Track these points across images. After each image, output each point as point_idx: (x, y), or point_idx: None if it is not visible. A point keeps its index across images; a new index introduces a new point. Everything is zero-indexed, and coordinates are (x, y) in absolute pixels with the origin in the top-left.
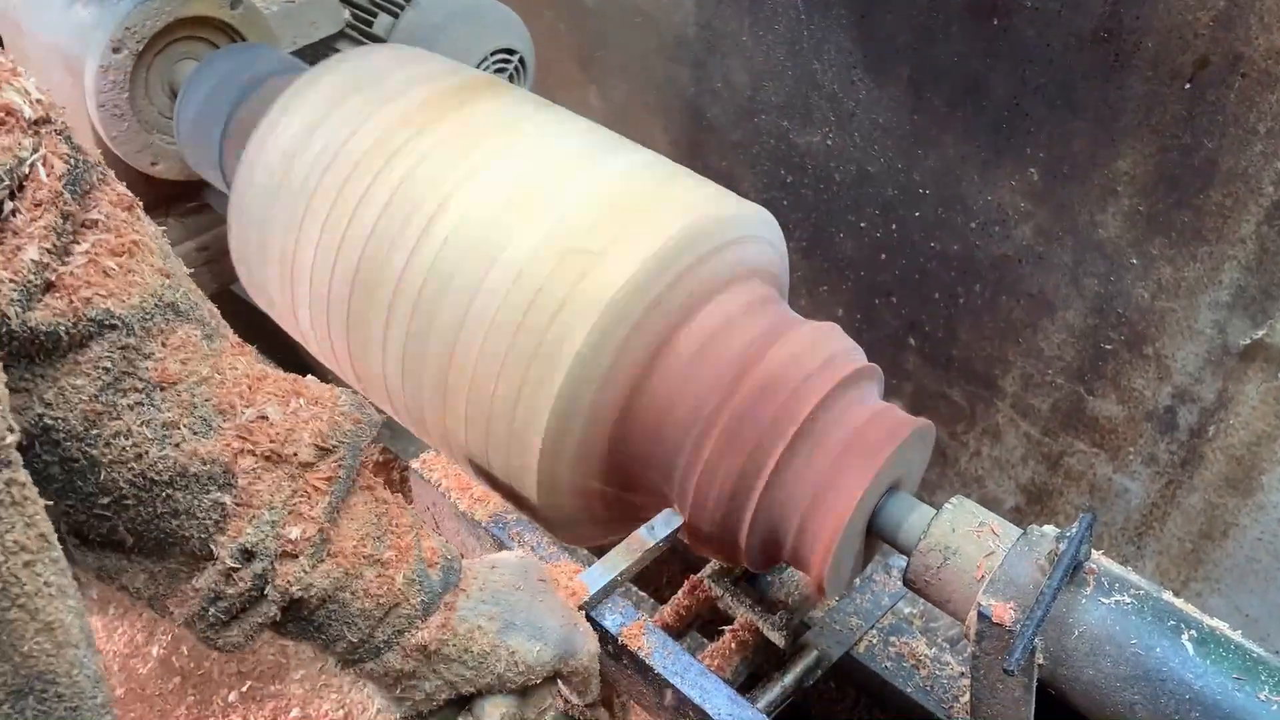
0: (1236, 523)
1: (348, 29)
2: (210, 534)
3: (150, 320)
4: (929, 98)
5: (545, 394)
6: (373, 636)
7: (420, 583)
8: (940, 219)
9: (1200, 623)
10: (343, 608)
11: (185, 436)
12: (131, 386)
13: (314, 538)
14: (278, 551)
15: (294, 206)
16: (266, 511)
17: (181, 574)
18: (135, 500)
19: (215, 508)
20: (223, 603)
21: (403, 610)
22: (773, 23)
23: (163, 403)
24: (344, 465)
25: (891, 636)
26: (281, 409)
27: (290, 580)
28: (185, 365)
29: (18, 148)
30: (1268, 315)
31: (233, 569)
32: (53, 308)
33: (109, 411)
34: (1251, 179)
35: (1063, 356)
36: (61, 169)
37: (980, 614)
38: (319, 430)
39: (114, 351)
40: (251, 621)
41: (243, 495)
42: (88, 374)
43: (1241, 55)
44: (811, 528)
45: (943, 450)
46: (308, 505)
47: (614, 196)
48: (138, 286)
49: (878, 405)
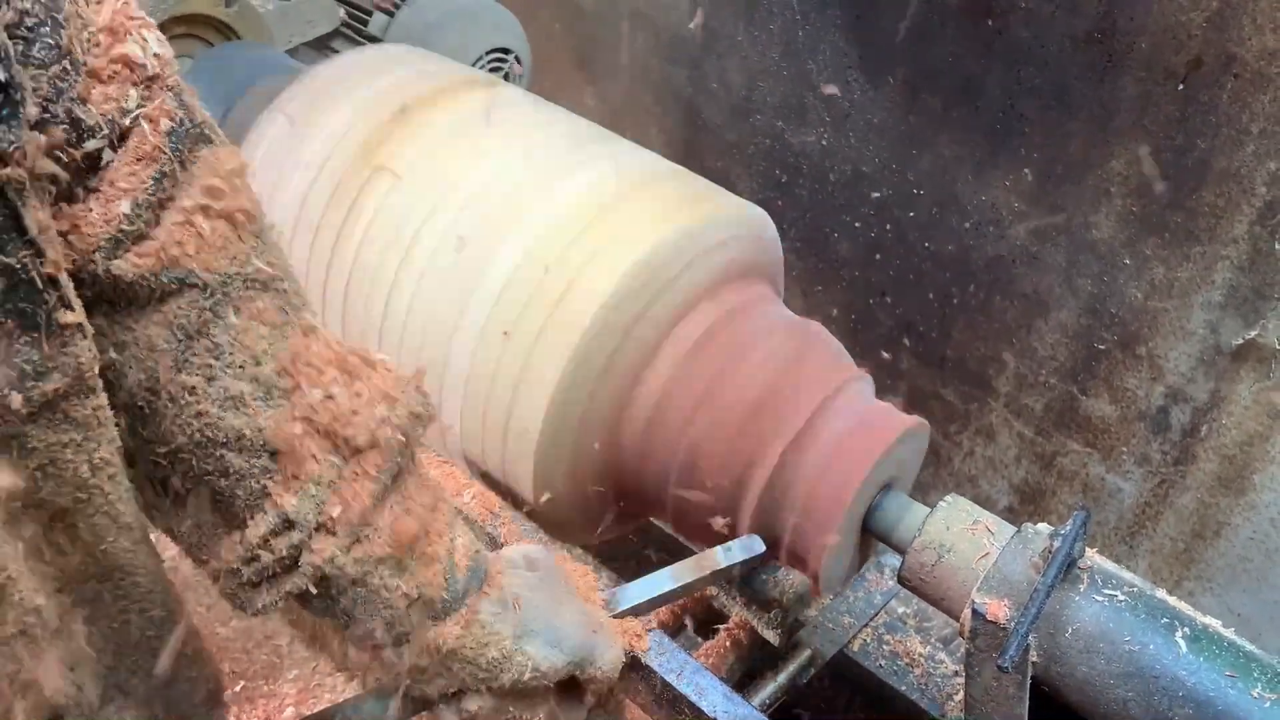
0: (1229, 522)
1: (343, 27)
2: (256, 499)
3: (230, 286)
4: (924, 98)
5: (540, 395)
6: (393, 627)
7: (448, 581)
8: (935, 219)
9: (1193, 620)
10: (370, 593)
11: (248, 403)
12: (204, 347)
13: (354, 520)
14: (316, 526)
15: (284, 217)
16: (313, 486)
17: (222, 530)
18: (190, 454)
19: (265, 474)
20: (256, 565)
21: (426, 607)
22: (768, 23)
23: (230, 368)
24: (396, 453)
25: (886, 635)
26: (346, 390)
27: (324, 556)
28: (259, 335)
29: (124, 99)
30: (1260, 315)
31: (271, 534)
32: (137, 260)
33: (177, 366)
34: (1244, 179)
35: (1056, 356)
36: (166, 125)
37: (974, 611)
38: (378, 417)
39: (190, 310)
40: (280, 589)
41: (293, 468)
42: (162, 328)
43: (1234, 56)
44: (806, 526)
45: (936, 450)
46: (354, 488)
47: (606, 198)
48: (223, 252)
49: (872, 405)
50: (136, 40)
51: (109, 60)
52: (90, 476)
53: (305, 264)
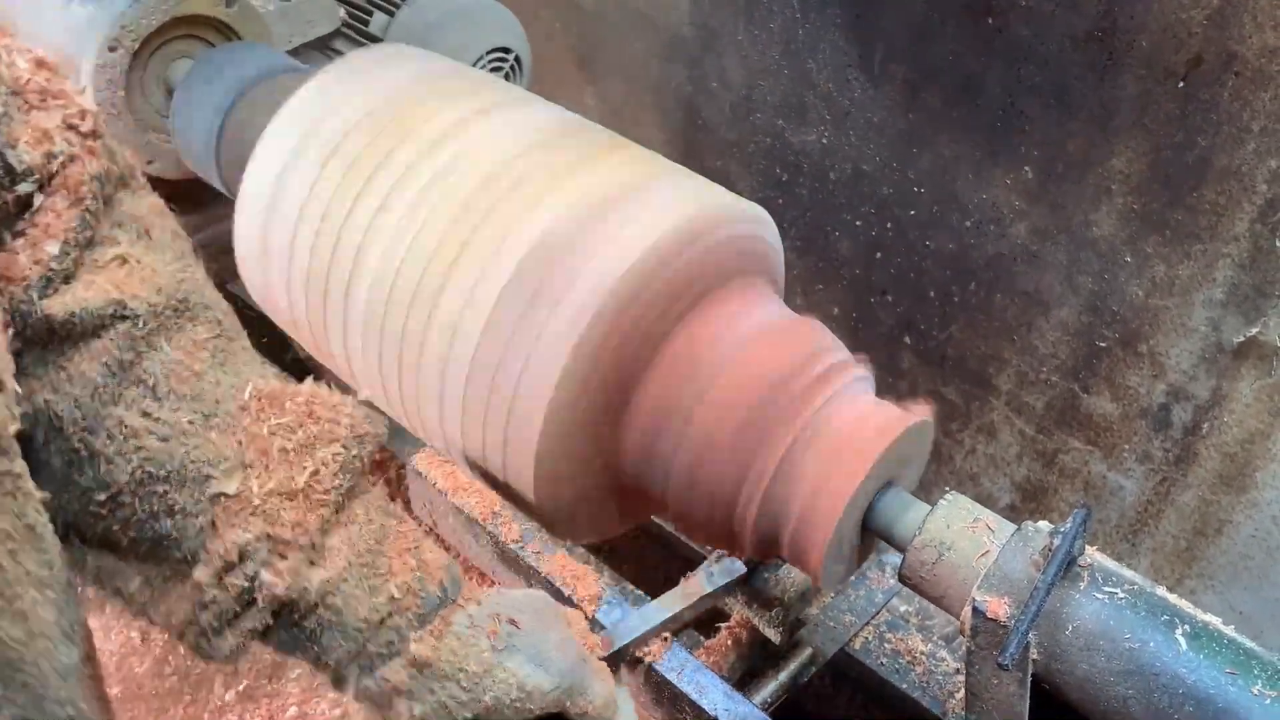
0: (1230, 520)
1: (344, 27)
2: (202, 535)
3: (162, 316)
4: (924, 97)
5: (541, 394)
6: (366, 647)
7: (418, 592)
8: (935, 218)
9: (1193, 617)
10: (335, 614)
11: (186, 433)
12: (137, 378)
13: (307, 541)
14: (270, 553)
15: (286, 217)
16: (261, 513)
17: (173, 580)
18: (132, 496)
19: (210, 507)
20: (214, 607)
21: (398, 619)
22: (768, 21)
23: (167, 398)
24: (344, 472)
25: (887, 633)
26: (286, 414)
27: (281, 581)
28: (193, 364)
29: (53, 143)
30: (1261, 313)
31: (224, 570)
32: (68, 297)
33: (113, 401)
34: (1245, 177)
35: (1057, 354)
36: (94, 168)
37: (975, 609)
38: (322, 436)
39: (123, 342)
40: (242, 628)
41: (239, 496)
42: (96, 362)
43: (1235, 54)
44: (807, 523)
45: (938, 448)
46: (304, 509)
47: (606, 196)
48: (152, 283)
49: (874, 402)
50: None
51: (38, 106)
52: None
53: (306, 265)
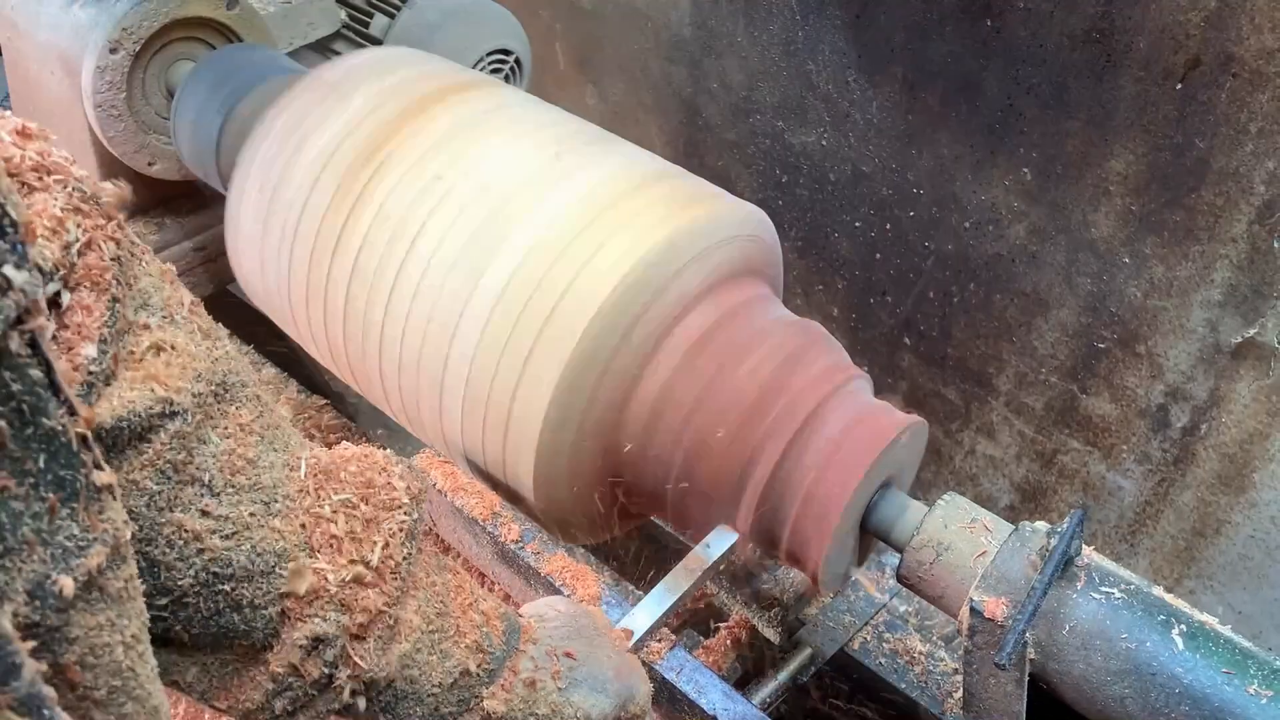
0: (1229, 520)
1: (344, 29)
2: (274, 624)
3: (206, 406)
4: (923, 97)
5: (541, 395)
6: (439, 709)
7: (485, 648)
8: (934, 218)
9: (1190, 617)
10: (411, 684)
11: (249, 526)
12: (192, 477)
13: (384, 619)
14: (348, 637)
15: (286, 218)
16: (335, 599)
17: (237, 666)
18: (195, 597)
19: (280, 598)
20: (290, 693)
21: (469, 679)
22: (768, 23)
23: (224, 492)
24: (409, 540)
25: (886, 633)
26: (344, 489)
27: (362, 664)
28: (245, 451)
29: (64, 231)
30: (1259, 314)
31: (303, 658)
32: (114, 401)
33: (169, 506)
34: (1243, 178)
35: (1056, 355)
36: (110, 250)
37: (973, 609)
38: (383, 507)
39: (174, 442)
40: (319, 709)
41: (310, 583)
42: (150, 469)
43: (1232, 55)
44: (805, 525)
45: (938, 449)
46: (374, 586)
47: (606, 198)
48: (191, 371)
49: (871, 404)
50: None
51: (38, 187)
52: (124, 658)
53: (306, 267)
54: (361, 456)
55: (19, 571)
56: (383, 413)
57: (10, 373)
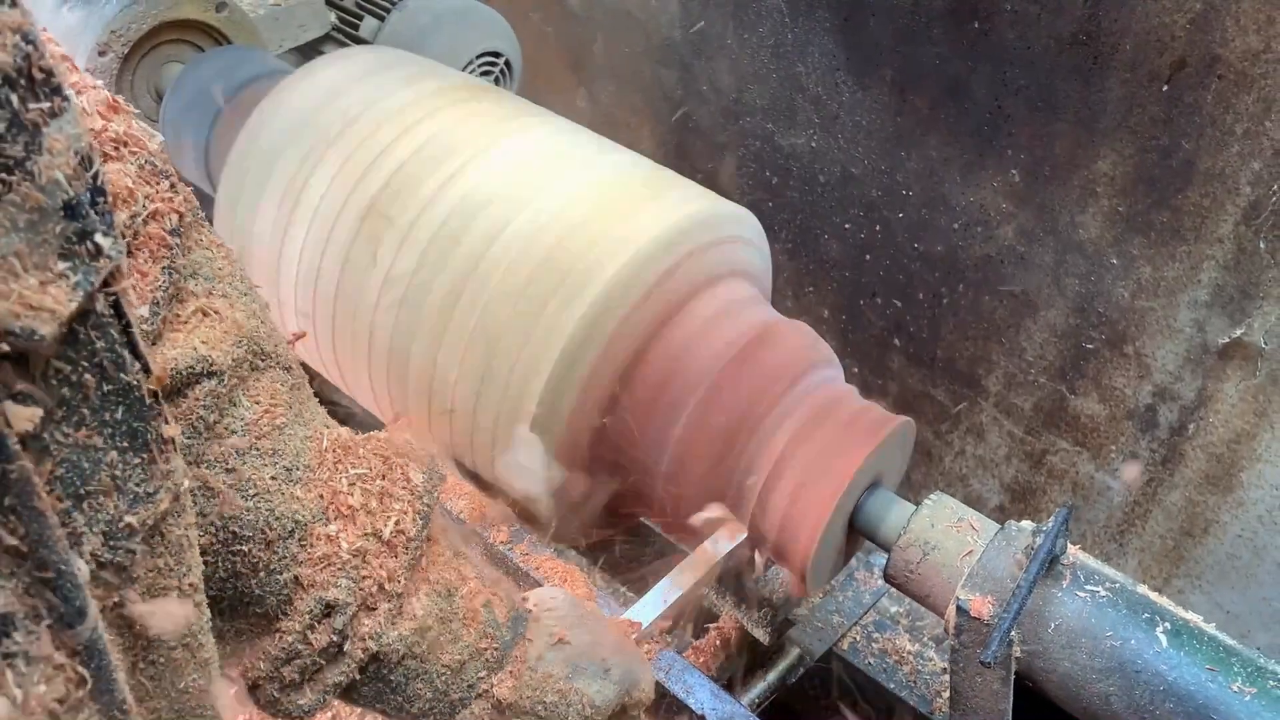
0: (1217, 520)
1: (334, 32)
2: (286, 591)
3: (242, 369)
4: (912, 100)
5: (531, 396)
6: (448, 693)
7: (493, 634)
8: (924, 220)
9: (1174, 615)
10: (420, 663)
11: (270, 491)
12: (219, 435)
13: (394, 593)
14: (358, 607)
15: (275, 217)
16: (347, 567)
17: (249, 634)
18: (214, 555)
19: (294, 563)
20: (299, 661)
21: (477, 664)
22: (757, 26)
23: (249, 454)
24: (422, 519)
25: (875, 633)
26: (362, 464)
27: (371, 635)
28: (272, 416)
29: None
30: (1246, 314)
31: (312, 625)
32: (158, 359)
33: (196, 461)
34: (1229, 179)
35: (1045, 356)
36: (171, 220)
37: (959, 608)
38: (399, 484)
39: (208, 400)
40: (326, 681)
41: (324, 547)
42: (183, 423)
43: (1218, 57)
44: (793, 524)
45: (927, 449)
46: (387, 560)
47: (606, 193)
48: (233, 335)
49: (858, 404)
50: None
51: (114, 156)
52: (181, 604)
53: (295, 265)
54: (383, 439)
55: (97, 514)
56: (375, 417)
57: (96, 331)
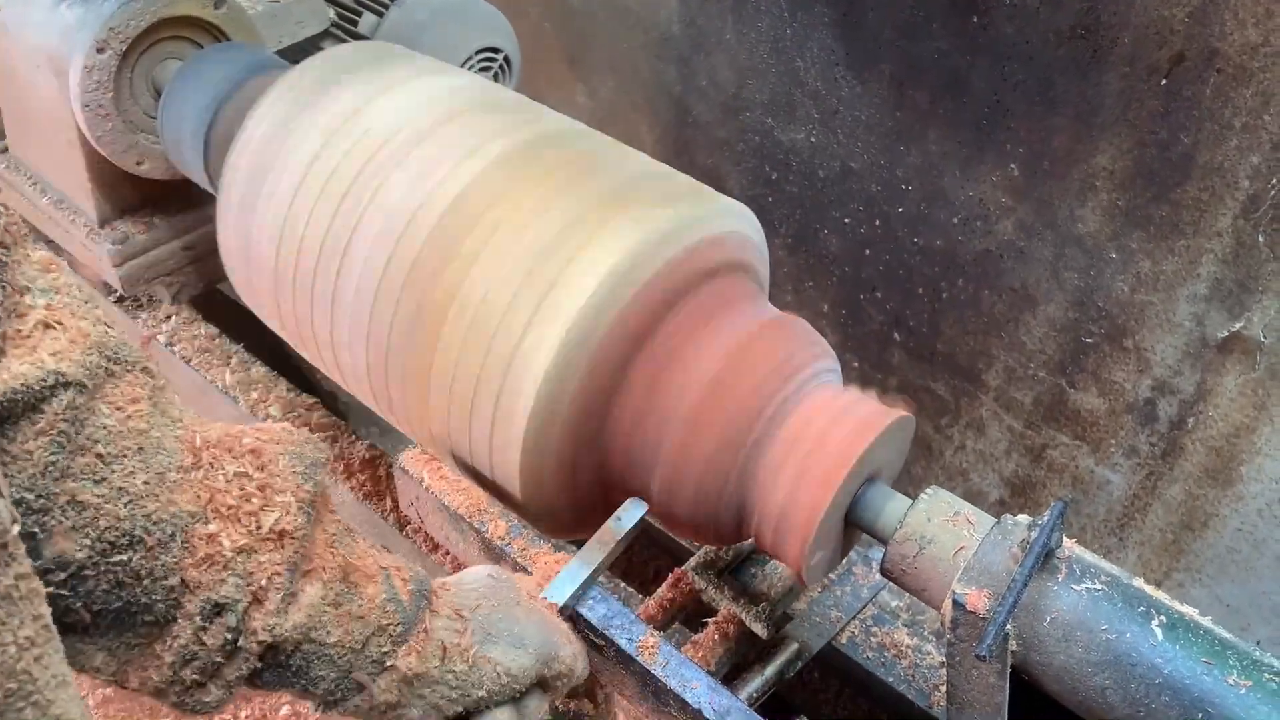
0: (1217, 513)
1: (333, 28)
2: (174, 595)
3: (97, 377)
4: (911, 94)
5: (527, 391)
6: (352, 670)
7: (394, 608)
8: (923, 214)
9: (1169, 608)
10: (319, 646)
11: (143, 496)
12: (82, 447)
13: (282, 582)
14: (248, 600)
15: (275, 213)
16: (232, 564)
17: (142, 644)
18: (93, 570)
19: (177, 567)
20: (197, 662)
21: (380, 639)
22: (756, 21)
23: (117, 461)
24: (306, 508)
25: (873, 627)
26: (238, 459)
27: (264, 627)
28: (136, 420)
29: None
30: (1245, 308)
31: (204, 626)
32: (5, 374)
33: (63, 476)
34: (1227, 173)
35: (1044, 350)
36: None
37: (955, 601)
38: (278, 476)
39: (65, 412)
40: (228, 677)
41: (206, 547)
42: (43, 437)
43: (1216, 51)
44: (790, 517)
45: (927, 444)
46: (273, 554)
47: (591, 197)
48: (81, 344)
49: (857, 399)
50: None
51: None
52: (17, 659)
53: (294, 263)
54: (257, 430)
55: None
56: (373, 412)
57: None
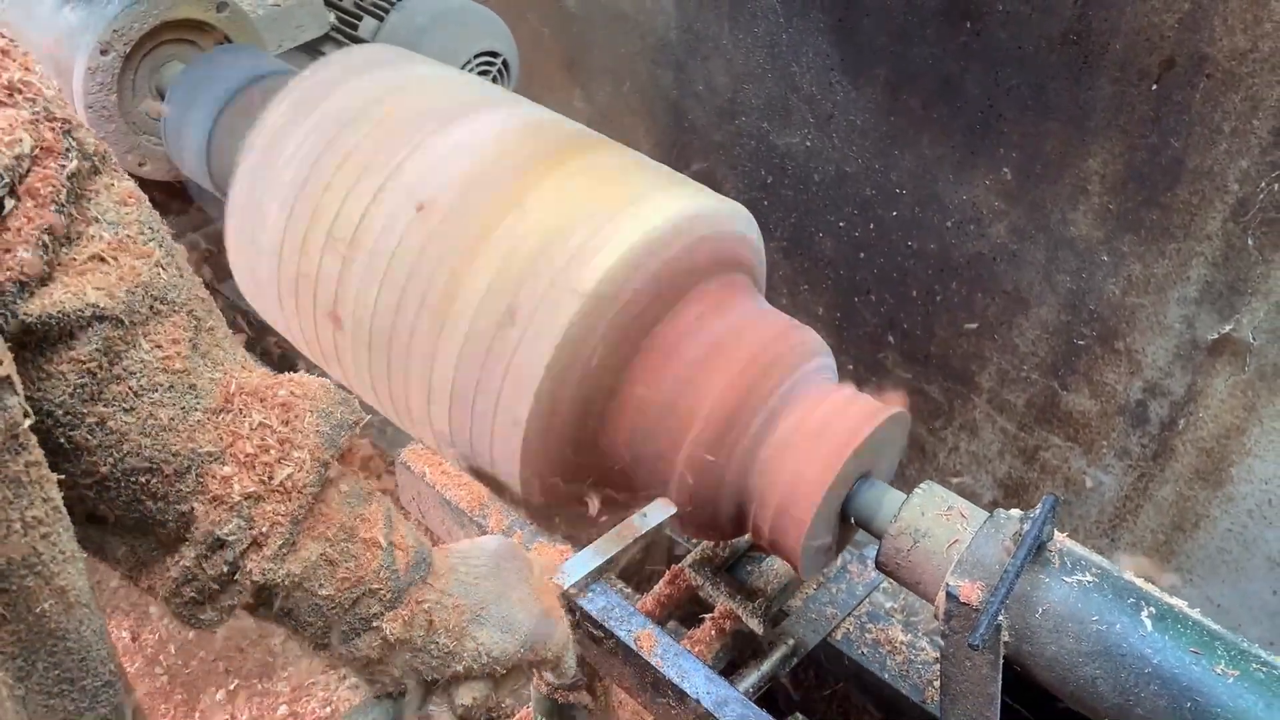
0: (1207, 514)
1: (333, 32)
2: (185, 521)
3: (138, 314)
4: (905, 99)
5: (528, 387)
6: (339, 623)
7: (388, 574)
8: (917, 218)
9: (1158, 599)
10: (310, 596)
11: (167, 429)
12: (117, 377)
13: (284, 531)
14: (248, 542)
15: (277, 220)
16: (238, 508)
17: (158, 552)
18: (115, 483)
19: (191, 496)
20: (196, 583)
21: (370, 601)
22: (752, 26)
23: (147, 393)
24: (319, 466)
25: (869, 624)
26: (266, 410)
27: (259, 569)
28: (173, 359)
29: (16, 144)
30: (1234, 310)
31: (205, 555)
32: (46, 300)
33: (93, 399)
34: (1217, 177)
35: (1037, 352)
36: (60, 164)
37: (949, 594)
38: (300, 432)
39: (100, 343)
40: (223, 603)
41: (217, 487)
42: (76, 363)
43: (1206, 56)
44: (785, 514)
45: (921, 445)
46: (279, 505)
47: (596, 191)
48: (130, 281)
49: (851, 395)
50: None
51: (6, 103)
52: (24, 535)
53: (296, 263)
54: (294, 382)
55: None
56: (375, 409)
57: None
